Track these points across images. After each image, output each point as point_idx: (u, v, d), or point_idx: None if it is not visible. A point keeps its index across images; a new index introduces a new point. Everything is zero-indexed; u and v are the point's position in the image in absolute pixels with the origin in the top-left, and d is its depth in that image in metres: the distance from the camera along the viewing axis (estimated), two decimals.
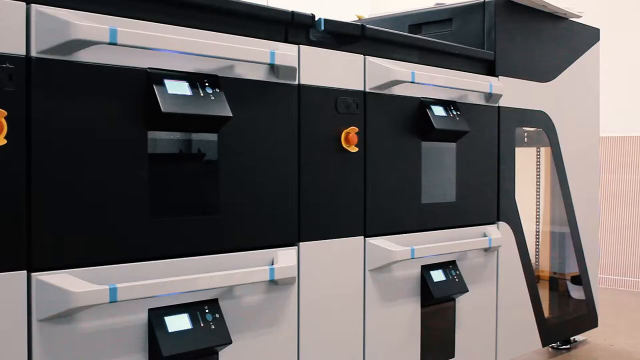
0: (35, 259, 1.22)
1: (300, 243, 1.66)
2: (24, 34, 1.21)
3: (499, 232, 2.27)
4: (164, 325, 1.37)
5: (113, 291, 1.25)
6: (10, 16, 1.19)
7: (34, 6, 1.22)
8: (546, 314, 2.60)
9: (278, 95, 1.60)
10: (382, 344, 1.88)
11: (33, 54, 1.22)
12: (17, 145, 1.19)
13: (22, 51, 1.20)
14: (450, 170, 2.14)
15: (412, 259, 1.90)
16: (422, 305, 2.01)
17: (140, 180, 1.36)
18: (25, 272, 1.20)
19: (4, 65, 1.18)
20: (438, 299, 2.02)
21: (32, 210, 1.21)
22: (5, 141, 1.16)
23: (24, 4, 1.21)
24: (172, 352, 1.36)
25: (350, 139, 1.74)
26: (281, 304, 1.62)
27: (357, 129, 1.76)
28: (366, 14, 2.93)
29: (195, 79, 1.43)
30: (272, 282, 1.58)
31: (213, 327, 1.44)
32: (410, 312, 1.97)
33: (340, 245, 1.76)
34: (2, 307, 1.17)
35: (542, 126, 2.57)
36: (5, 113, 1.16)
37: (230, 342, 1.46)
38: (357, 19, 2.79)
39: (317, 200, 1.70)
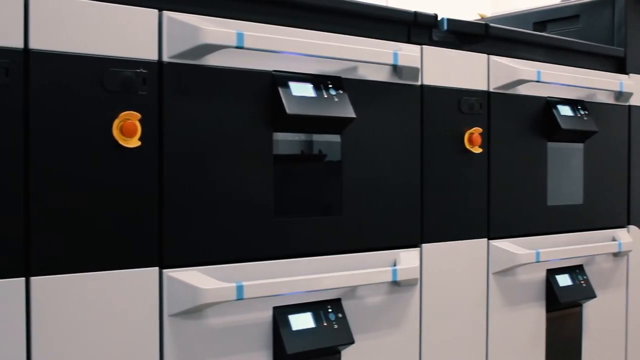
0: (166, 256, 1.26)
1: (423, 244, 1.65)
2: (156, 40, 1.25)
3: (629, 236, 2.18)
4: (288, 324, 1.40)
5: (240, 289, 1.28)
6: (144, 23, 1.24)
7: (165, 13, 1.27)
8: None
9: (401, 96, 1.60)
10: (506, 348, 1.85)
11: (165, 59, 1.26)
12: (150, 146, 1.24)
13: (154, 56, 1.25)
14: (577, 171, 2.07)
15: (537, 262, 1.85)
16: (547, 310, 1.96)
17: (266, 181, 1.38)
18: (157, 268, 1.25)
19: (138, 70, 1.22)
20: (564, 304, 1.96)
21: (164, 210, 1.26)
22: (139, 143, 1.21)
23: (157, 11, 1.26)
24: (296, 350, 1.38)
25: (473, 139, 1.72)
26: (403, 305, 1.61)
27: (480, 130, 1.74)
28: (488, 13, 2.88)
29: (319, 81, 1.45)
30: (395, 283, 1.58)
31: (336, 326, 1.45)
32: (534, 317, 1.92)
33: (464, 247, 1.74)
34: (137, 301, 1.23)
35: None
36: (139, 116, 1.21)
37: (353, 342, 1.47)
38: (479, 17, 2.75)
39: (440, 202, 1.68)
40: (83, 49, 1.17)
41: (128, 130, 1.20)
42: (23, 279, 1.12)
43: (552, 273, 1.96)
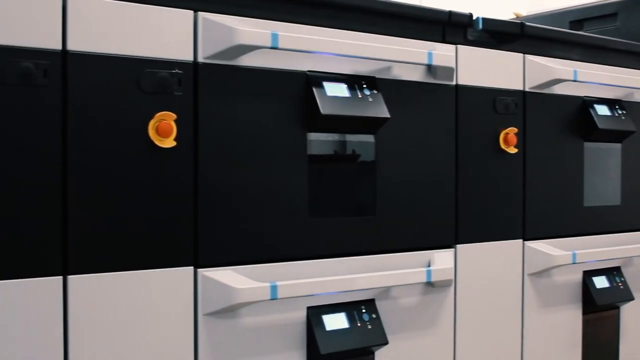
0: (201, 255, 1.27)
1: (458, 245, 1.64)
2: (191, 41, 1.26)
3: None
4: (322, 324, 1.40)
5: (274, 289, 1.28)
6: (180, 24, 1.25)
7: (200, 14, 1.27)
8: None
9: (435, 96, 1.59)
10: (541, 351, 1.83)
11: (200, 59, 1.27)
12: (186, 147, 1.24)
13: (189, 57, 1.26)
14: (615, 172, 2.04)
15: (573, 263, 1.83)
16: (584, 313, 1.93)
17: (301, 181, 1.39)
18: (192, 268, 1.26)
19: (174, 71, 1.23)
20: (601, 306, 1.94)
21: (199, 210, 1.26)
22: (175, 143, 1.22)
23: (192, 12, 1.27)
24: (329, 350, 1.38)
25: (509, 139, 1.70)
26: (437, 306, 1.60)
27: (516, 130, 1.72)
28: (524, 11, 2.86)
29: (353, 81, 1.45)
30: (429, 284, 1.57)
31: (370, 327, 1.45)
32: (570, 319, 1.90)
33: (499, 248, 1.72)
34: (172, 300, 1.24)
35: None
36: (174, 116, 1.22)
37: (387, 343, 1.46)
38: (515, 16, 2.73)
39: (475, 202, 1.67)
40: (120, 50, 1.18)
41: (164, 130, 1.21)
42: (60, 277, 1.14)
43: (588, 275, 1.93)
